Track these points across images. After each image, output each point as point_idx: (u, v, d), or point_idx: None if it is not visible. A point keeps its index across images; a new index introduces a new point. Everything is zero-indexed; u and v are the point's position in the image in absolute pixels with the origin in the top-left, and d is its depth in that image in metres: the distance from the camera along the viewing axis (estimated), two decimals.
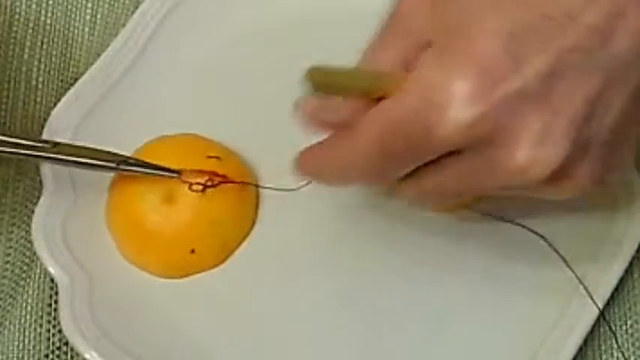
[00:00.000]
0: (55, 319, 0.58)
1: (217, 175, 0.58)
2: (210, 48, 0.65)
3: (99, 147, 0.58)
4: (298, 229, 0.60)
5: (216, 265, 0.59)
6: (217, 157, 0.59)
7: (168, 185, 0.58)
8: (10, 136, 0.57)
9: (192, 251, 0.58)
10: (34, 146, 0.58)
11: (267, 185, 0.60)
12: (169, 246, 0.58)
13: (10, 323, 0.59)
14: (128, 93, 0.63)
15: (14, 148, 0.57)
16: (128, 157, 0.58)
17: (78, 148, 0.58)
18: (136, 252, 0.59)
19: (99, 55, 0.63)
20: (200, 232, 0.58)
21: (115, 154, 0.58)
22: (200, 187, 0.58)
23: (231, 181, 0.59)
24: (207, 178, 0.58)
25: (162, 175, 0.58)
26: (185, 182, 0.58)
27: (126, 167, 0.58)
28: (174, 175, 0.58)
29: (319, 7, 0.65)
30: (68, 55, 0.66)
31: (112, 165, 0.58)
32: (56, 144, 0.58)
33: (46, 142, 0.58)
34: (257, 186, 0.60)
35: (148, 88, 0.63)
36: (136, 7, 0.64)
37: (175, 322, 0.58)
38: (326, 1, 0.65)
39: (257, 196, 0.61)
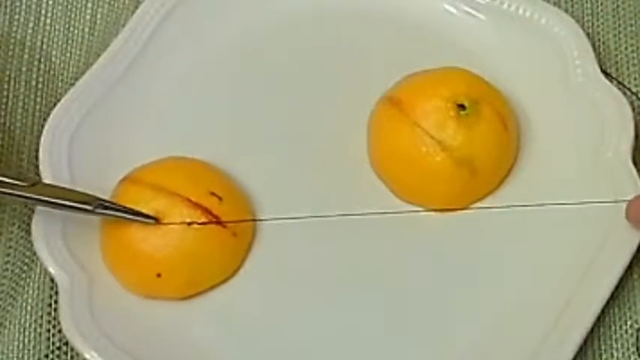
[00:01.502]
0: (55, 319, 0.58)
1: (210, 214, 0.57)
2: (210, 48, 0.65)
3: (77, 189, 0.57)
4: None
5: (180, 298, 0.58)
6: (219, 198, 0.58)
7: (166, 202, 0.57)
8: None
9: (159, 275, 0.57)
10: (11, 184, 0.56)
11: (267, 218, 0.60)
12: (140, 262, 0.57)
13: (10, 323, 0.59)
14: (128, 93, 0.63)
15: None
16: (104, 200, 0.57)
17: (55, 188, 0.57)
18: (112, 258, 0.58)
19: (99, 55, 0.63)
20: (170, 260, 0.57)
21: (92, 196, 0.57)
22: (184, 225, 0.57)
23: (215, 222, 0.57)
24: (191, 215, 0.57)
25: (137, 221, 0.57)
26: (161, 224, 0.57)
27: (102, 211, 0.57)
28: (151, 221, 0.57)
29: (320, 8, 0.65)
30: (68, 55, 0.66)
31: (89, 208, 0.56)
32: (35, 183, 0.57)
33: (24, 179, 0.57)
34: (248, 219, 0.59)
35: (147, 88, 0.63)
36: (136, 7, 0.64)
37: (174, 322, 0.58)
38: (327, 2, 0.65)
39: (249, 242, 0.59)
